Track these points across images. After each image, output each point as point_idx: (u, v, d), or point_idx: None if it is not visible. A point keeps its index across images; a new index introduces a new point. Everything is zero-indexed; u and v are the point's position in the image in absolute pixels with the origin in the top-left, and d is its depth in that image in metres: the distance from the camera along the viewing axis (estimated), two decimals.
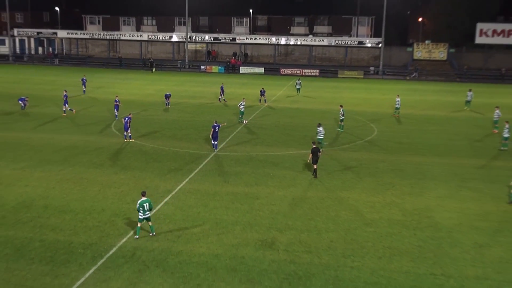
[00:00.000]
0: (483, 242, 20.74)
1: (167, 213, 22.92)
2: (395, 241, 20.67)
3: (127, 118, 35.28)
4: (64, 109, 44.34)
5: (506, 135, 34.71)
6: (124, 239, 20.20)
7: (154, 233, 20.41)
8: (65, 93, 45.10)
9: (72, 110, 44.69)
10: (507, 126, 34.82)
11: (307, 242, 20.34)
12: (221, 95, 54.63)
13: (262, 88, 53.07)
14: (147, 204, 19.92)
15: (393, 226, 22.05)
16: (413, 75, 79.88)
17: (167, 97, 49.28)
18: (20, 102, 46.20)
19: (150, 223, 20.35)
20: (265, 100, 52.03)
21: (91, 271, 17.78)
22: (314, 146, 27.98)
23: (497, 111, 41.46)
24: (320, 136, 32.97)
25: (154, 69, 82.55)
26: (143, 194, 20.25)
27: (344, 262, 18.82)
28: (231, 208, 23.70)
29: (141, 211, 19.88)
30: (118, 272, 17.76)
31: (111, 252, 19.13)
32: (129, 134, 35.24)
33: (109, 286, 16.89)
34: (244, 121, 42.20)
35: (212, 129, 32.51)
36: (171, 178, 27.69)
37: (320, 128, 33.21)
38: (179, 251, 19.38)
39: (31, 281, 17.09)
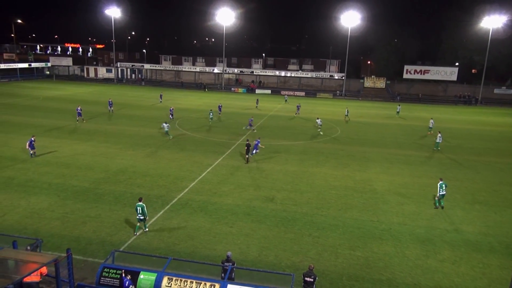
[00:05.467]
0: (403, 201, 20.59)
1: (208, 178, 22.98)
2: (348, 199, 20.57)
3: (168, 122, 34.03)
4: (77, 119, 38.27)
5: (438, 141, 31.72)
6: (182, 194, 20.29)
7: (146, 230, 15.90)
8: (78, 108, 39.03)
9: (78, 121, 38.00)
10: (439, 134, 31.99)
11: (294, 199, 20.30)
12: (257, 102, 54.60)
13: (299, 104, 51.78)
14: (140, 208, 15.37)
15: (347, 190, 21.94)
16: (397, 99, 74.31)
17: (219, 107, 46.57)
18: (109, 106, 44.68)
19: (138, 224, 15.75)
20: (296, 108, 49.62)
21: (160, 212, 17.95)
22: (247, 142, 26.37)
23: (431, 120, 39.20)
24: (166, 129, 32.11)
25: (207, 89, 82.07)
26: (140, 200, 15.79)
27: (317, 211, 18.78)
28: (247, 176, 23.70)
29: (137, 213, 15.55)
30: (177, 214, 17.89)
31: (173, 201, 19.29)
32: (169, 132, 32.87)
33: (172, 222, 17.04)
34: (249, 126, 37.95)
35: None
36: (212, 156, 27.71)
37: (166, 124, 32.48)
38: (215, 202, 19.45)
39: (124, 217, 17.29)
